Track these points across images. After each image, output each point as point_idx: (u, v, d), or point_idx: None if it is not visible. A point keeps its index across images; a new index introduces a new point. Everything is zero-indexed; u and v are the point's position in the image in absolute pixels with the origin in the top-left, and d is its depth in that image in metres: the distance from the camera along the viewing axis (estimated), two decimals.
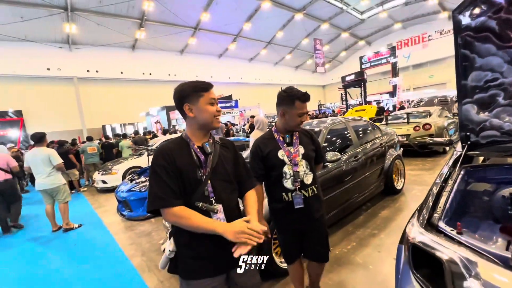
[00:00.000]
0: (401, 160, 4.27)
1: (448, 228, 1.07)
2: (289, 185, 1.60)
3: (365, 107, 10.70)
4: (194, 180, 1.14)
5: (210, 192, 1.15)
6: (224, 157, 1.25)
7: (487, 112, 1.54)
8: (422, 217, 1.18)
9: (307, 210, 1.62)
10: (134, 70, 20.45)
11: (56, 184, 4.17)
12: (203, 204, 1.12)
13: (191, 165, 1.15)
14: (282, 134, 1.67)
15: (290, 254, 1.78)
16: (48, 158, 4.09)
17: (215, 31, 21.41)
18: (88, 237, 3.97)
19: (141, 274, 2.70)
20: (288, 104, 1.59)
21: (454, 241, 1.00)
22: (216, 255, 1.15)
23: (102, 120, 18.87)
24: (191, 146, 1.19)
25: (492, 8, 1.36)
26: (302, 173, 1.61)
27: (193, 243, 1.13)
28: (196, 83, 1.18)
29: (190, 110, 1.18)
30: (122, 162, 6.99)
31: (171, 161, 1.11)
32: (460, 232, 1.02)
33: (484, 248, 0.91)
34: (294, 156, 1.60)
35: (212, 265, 1.15)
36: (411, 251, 1.08)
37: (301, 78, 34.02)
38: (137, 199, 4.43)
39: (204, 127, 1.21)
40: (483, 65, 1.48)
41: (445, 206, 1.23)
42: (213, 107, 1.19)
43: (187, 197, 1.13)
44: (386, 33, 28.96)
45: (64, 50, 17.27)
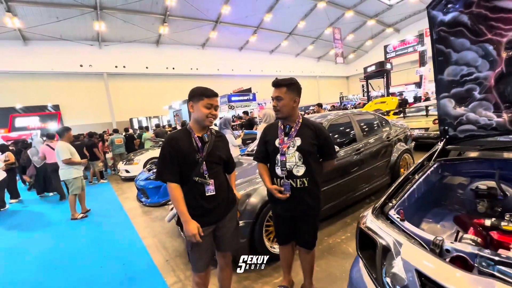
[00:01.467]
0: (411, 154, 4.18)
1: (396, 216, 1.16)
2: (279, 171, 1.72)
3: (385, 99, 10.29)
4: (193, 161, 1.55)
5: (205, 170, 1.57)
6: (217, 146, 1.65)
7: (463, 106, 1.55)
8: (375, 206, 1.27)
9: (293, 200, 1.71)
10: (158, 65, 21.27)
11: (66, 177, 4.50)
12: (199, 179, 1.55)
13: (191, 149, 1.55)
14: (284, 123, 1.78)
15: (280, 237, 1.94)
16: (58, 153, 4.41)
17: (235, 24, 21.47)
18: (110, 221, 4.41)
19: (150, 254, 3.01)
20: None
21: (396, 227, 1.09)
22: (208, 213, 1.59)
23: (130, 113, 20.00)
24: (192, 135, 1.59)
25: (464, 3, 1.36)
26: (292, 164, 1.68)
27: (193, 204, 1.56)
28: (205, 89, 1.57)
29: (191, 107, 1.58)
30: (144, 153, 7.50)
31: (175, 145, 1.52)
32: (402, 219, 1.11)
33: (416, 233, 1.00)
34: (284, 146, 1.71)
35: (205, 219, 1.58)
36: (359, 234, 1.18)
37: (324, 69, 33.11)
38: (153, 187, 4.79)
39: (199, 123, 1.59)
40: (459, 60, 1.48)
41: (402, 197, 1.30)
42: (207, 111, 1.55)
43: (187, 173, 1.54)
44: (417, 18, 26.94)
45: (95, 47, 18.42)
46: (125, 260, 2.95)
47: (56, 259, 3.21)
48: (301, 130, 1.73)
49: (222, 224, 1.67)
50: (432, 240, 0.92)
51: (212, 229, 1.65)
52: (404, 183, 1.40)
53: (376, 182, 3.64)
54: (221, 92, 19.92)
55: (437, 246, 0.89)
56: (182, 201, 1.53)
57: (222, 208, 1.66)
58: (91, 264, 2.97)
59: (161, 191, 4.75)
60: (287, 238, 1.91)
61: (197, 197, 1.57)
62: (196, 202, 1.57)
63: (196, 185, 1.56)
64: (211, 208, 1.60)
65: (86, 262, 3.03)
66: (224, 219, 1.67)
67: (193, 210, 1.56)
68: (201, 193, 1.57)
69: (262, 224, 2.42)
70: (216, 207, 1.61)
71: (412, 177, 1.45)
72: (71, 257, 3.23)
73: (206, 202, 1.58)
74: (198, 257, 1.61)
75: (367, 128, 3.82)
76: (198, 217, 1.56)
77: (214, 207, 1.61)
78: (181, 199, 1.53)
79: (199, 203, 1.57)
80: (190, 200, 1.56)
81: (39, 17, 14.49)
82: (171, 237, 3.39)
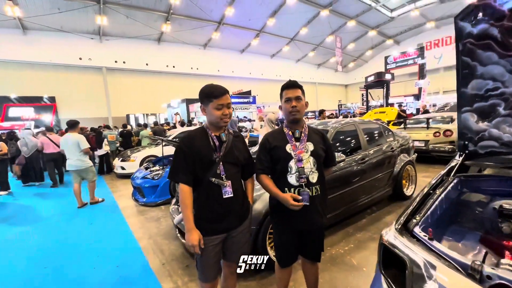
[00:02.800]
0: (413, 166, 4.15)
1: (422, 233, 1.09)
2: (293, 180, 1.58)
3: (385, 109, 10.34)
4: (209, 161, 1.46)
5: (222, 170, 1.48)
6: (235, 146, 1.57)
7: (486, 121, 1.50)
8: (400, 222, 1.20)
9: (311, 211, 1.59)
10: (159, 63, 21.13)
11: (84, 166, 4.73)
12: (216, 179, 1.46)
13: (208, 148, 1.48)
14: (291, 129, 1.68)
15: (286, 257, 1.72)
16: (78, 143, 4.62)
17: (238, 26, 21.50)
18: (104, 219, 4.27)
19: (146, 255, 2.90)
20: (280, 97, 1.67)
21: (424, 246, 1.02)
22: (221, 219, 1.50)
23: (127, 109, 19.77)
24: (209, 134, 1.51)
25: (495, 16, 1.32)
26: (308, 170, 1.58)
27: (205, 208, 1.48)
28: (211, 90, 1.46)
29: (203, 110, 1.51)
30: (141, 151, 7.36)
31: (190, 145, 1.45)
32: (431, 238, 1.04)
33: (448, 254, 0.93)
34: (299, 152, 1.59)
35: (217, 226, 1.49)
36: (382, 252, 1.12)
37: (323, 76, 33.36)
38: (150, 187, 4.67)
39: (213, 124, 1.51)
40: (484, 74, 1.44)
41: (426, 213, 1.24)
42: (219, 112, 1.45)
43: (203, 174, 1.45)
44: (416, 32, 27.50)
45: (95, 41, 18.22)
46: (119, 262, 2.83)
47: (45, 257, 3.06)
48: (310, 135, 1.67)
49: (234, 234, 1.57)
50: (469, 264, 0.86)
51: (222, 239, 1.54)
52: (425, 198, 1.34)
53: (378, 193, 3.59)
54: None
55: (477, 272, 0.83)
56: (191, 207, 1.44)
57: (235, 216, 1.55)
58: (83, 264, 2.84)
59: (158, 190, 4.64)
60: (293, 259, 1.73)
61: (211, 200, 1.48)
62: (209, 205, 1.48)
63: (211, 187, 1.47)
64: (224, 214, 1.50)
65: (78, 262, 2.90)
66: (236, 229, 1.57)
67: (205, 214, 1.48)
68: (216, 196, 1.48)
69: (266, 232, 2.34)
70: (229, 213, 1.52)
71: (433, 193, 1.39)
72: (62, 255, 3.09)
73: (220, 206, 1.49)
74: (207, 266, 1.52)
75: (372, 137, 3.79)
76: (209, 222, 1.48)
77: (227, 212, 1.51)
78: (190, 205, 1.44)
79: (213, 206, 1.48)
80: (203, 203, 1.48)
81: (41, 7, 14.30)
82: (167, 239, 3.28)
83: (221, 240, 1.54)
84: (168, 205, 4.56)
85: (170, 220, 3.86)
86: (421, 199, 1.32)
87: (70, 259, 2.98)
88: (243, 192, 1.65)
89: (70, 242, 3.45)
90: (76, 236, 3.63)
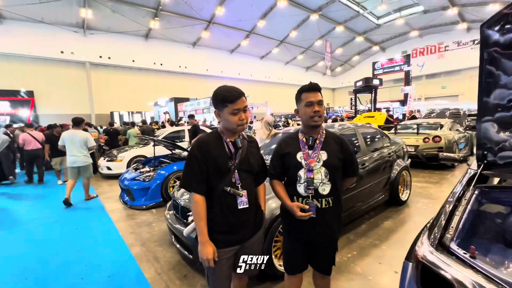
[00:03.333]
0: (408, 171, 4.20)
1: (461, 250, 1.03)
2: (301, 190, 1.51)
3: (374, 113, 10.56)
4: (224, 168, 1.36)
5: (237, 179, 1.38)
6: (250, 152, 1.47)
7: (508, 132, 1.49)
8: (433, 236, 1.14)
9: (318, 224, 1.50)
10: (146, 60, 20.56)
11: (87, 162, 4.88)
12: (231, 189, 1.36)
13: (223, 155, 1.37)
14: (305, 135, 1.58)
15: (293, 264, 1.65)
16: (86, 140, 4.80)
17: (228, 26, 21.36)
18: (90, 223, 4.01)
19: (139, 264, 2.71)
20: (297, 99, 1.56)
21: (467, 265, 0.96)
22: (235, 230, 1.40)
23: (111, 106, 19.04)
24: (224, 140, 1.41)
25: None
26: (318, 181, 1.48)
27: (219, 219, 1.37)
28: (226, 94, 1.34)
29: (218, 116, 1.40)
30: (128, 150, 7.05)
31: (204, 151, 1.34)
32: (473, 256, 0.99)
33: (499, 276, 0.88)
34: (310, 161, 1.50)
35: (231, 237, 1.40)
36: (421, 270, 1.05)
37: (311, 79, 32.31)
38: (140, 189, 4.45)
39: (229, 130, 1.41)
40: (508, 83, 1.42)
41: (457, 227, 1.19)
42: (236, 117, 1.34)
43: (217, 183, 1.36)
44: (401, 40, 28.52)
45: (79, 34, 17.44)
46: (110, 271, 2.63)
47: (26, 267, 2.79)
48: (326, 142, 1.55)
49: (247, 244, 1.46)
50: None
51: (235, 251, 1.44)
52: (454, 210, 1.29)
53: (377, 198, 3.59)
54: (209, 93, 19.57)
55: None
56: (205, 218, 1.34)
57: (250, 226, 1.46)
58: (69, 274, 2.61)
59: (148, 193, 4.42)
60: (301, 267, 1.66)
61: (225, 210, 1.38)
62: (223, 216, 1.38)
63: (226, 197, 1.37)
64: (239, 225, 1.41)
65: (64, 272, 2.67)
66: (250, 240, 1.47)
67: (218, 226, 1.38)
68: (230, 206, 1.38)
69: (272, 240, 2.25)
70: (244, 224, 1.43)
71: (459, 204, 1.35)
72: (45, 264, 2.84)
73: (234, 218, 1.39)
74: (220, 281, 1.41)
75: (371, 142, 3.79)
76: (222, 234, 1.38)
77: (242, 224, 1.42)
78: (204, 216, 1.34)
79: (227, 218, 1.38)
80: (217, 214, 1.38)
81: None
82: (161, 246, 3.11)
83: (235, 252, 1.44)
84: (160, 208, 4.37)
85: (163, 224, 3.68)
86: (450, 211, 1.27)
87: (54, 269, 2.74)
88: (257, 202, 1.55)
89: (53, 249, 3.18)
90: (60, 243, 3.36)
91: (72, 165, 4.75)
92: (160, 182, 4.47)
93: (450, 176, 5.71)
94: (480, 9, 19.96)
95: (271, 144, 3.69)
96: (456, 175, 5.86)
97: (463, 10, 20.85)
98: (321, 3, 20.51)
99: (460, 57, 22.92)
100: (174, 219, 2.80)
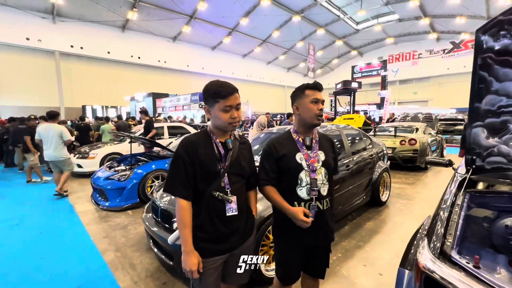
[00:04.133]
0: (388, 173, 4.31)
1: (463, 259, 1.01)
2: (303, 194, 1.41)
3: (353, 115, 10.87)
4: (213, 172, 1.25)
5: (226, 184, 1.28)
6: (242, 154, 1.36)
7: (496, 137, 1.51)
8: (433, 244, 1.11)
9: (321, 226, 1.44)
10: (122, 52, 19.59)
11: (63, 158, 4.75)
12: (220, 194, 1.25)
13: (212, 157, 1.26)
14: (301, 135, 1.50)
15: (290, 275, 1.55)
16: (61, 134, 4.65)
17: (211, 22, 20.97)
18: (56, 226, 3.67)
19: (113, 272, 2.49)
20: (299, 96, 1.46)
21: (471, 276, 0.93)
22: (224, 239, 1.29)
23: (83, 100, 17.93)
24: (213, 140, 1.30)
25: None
26: (320, 182, 1.43)
27: (206, 226, 1.26)
28: (217, 88, 1.22)
29: (208, 112, 1.29)
30: (102, 147, 6.61)
31: (192, 152, 1.22)
32: (477, 266, 0.96)
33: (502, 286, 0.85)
34: (312, 162, 1.43)
35: (219, 246, 1.28)
36: (424, 281, 1.01)
37: (292, 80, 34.20)
38: (115, 189, 4.16)
39: (219, 129, 1.30)
40: (500, 90, 1.44)
41: (455, 234, 1.17)
42: (227, 115, 1.23)
43: (204, 187, 1.25)
44: (378, 46, 29.75)
45: (47, 21, 16.18)
46: (79, 281, 2.38)
47: None
48: (321, 142, 1.52)
49: (237, 252, 1.35)
50: None
51: (224, 260, 1.33)
52: (450, 217, 1.28)
53: (359, 199, 3.63)
54: (189, 90, 19.12)
55: None
56: (190, 226, 1.23)
57: (239, 234, 1.34)
58: (31, 286, 2.34)
59: (124, 193, 4.15)
60: (297, 276, 1.58)
61: (214, 217, 1.26)
62: (211, 224, 1.27)
63: (214, 202, 1.26)
64: (228, 233, 1.29)
65: (24, 283, 2.39)
66: (239, 248, 1.35)
67: (205, 234, 1.26)
68: (219, 213, 1.27)
69: (259, 243, 2.16)
70: (233, 232, 1.31)
71: (453, 210, 1.34)
72: (2, 276, 2.52)
73: (223, 225, 1.28)
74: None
75: (354, 143, 3.83)
76: (210, 243, 1.27)
77: (231, 232, 1.31)
78: (189, 223, 1.22)
79: (215, 225, 1.27)
80: (204, 221, 1.26)
81: None
82: (138, 251, 2.89)
83: (222, 261, 1.33)
84: (137, 209, 4.12)
85: (140, 227, 3.46)
86: (446, 218, 1.26)
87: (12, 280, 2.44)
88: (248, 207, 1.43)
89: (12, 257, 2.85)
90: (21, 249, 3.02)
91: (48, 159, 4.71)
92: (137, 182, 4.20)
93: (424, 177, 5.98)
94: (448, 21, 21.38)
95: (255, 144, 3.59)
96: (429, 176, 6.15)
97: (434, 21, 22.18)
98: (303, 5, 20.79)
99: (431, 65, 24.37)
100: (153, 222, 2.61)
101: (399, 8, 21.19)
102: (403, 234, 3.13)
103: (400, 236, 3.11)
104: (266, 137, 3.70)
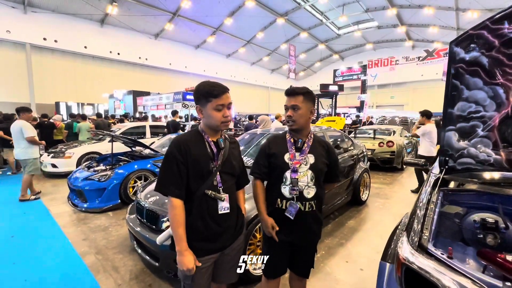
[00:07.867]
0: (368, 173, 4.50)
1: (438, 251, 1.10)
2: (286, 192, 1.50)
3: (335, 118, 11.21)
4: (206, 170, 1.27)
5: (219, 182, 1.31)
6: (232, 154, 1.40)
7: (466, 140, 1.66)
8: (411, 239, 1.20)
9: (300, 226, 1.51)
10: (101, 47, 18.79)
11: (27, 156, 4.41)
12: (212, 192, 1.28)
13: (205, 156, 1.28)
14: (294, 137, 1.57)
15: (274, 269, 1.60)
16: (20, 130, 4.31)
17: (194, 21, 20.69)
18: (30, 229, 3.47)
19: (95, 276, 2.41)
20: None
21: (446, 266, 1.02)
22: (215, 238, 1.31)
23: (57, 96, 16.98)
24: (205, 139, 1.32)
25: (486, 46, 1.45)
26: (304, 184, 1.48)
27: (198, 225, 1.27)
28: (210, 88, 1.26)
29: (200, 112, 1.31)
30: (79, 146, 6.32)
31: (185, 151, 1.23)
32: (450, 257, 1.06)
33: (478, 276, 0.95)
34: (296, 163, 1.49)
35: (210, 245, 1.30)
36: (405, 272, 1.09)
37: (275, 81, 34.56)
38: (94, 189, 4.01)
39: (212, 128, 1.33)
40: (469, 97, 1.58)
41: (431, 228, 1.27)
42: (219, 114, 1.26)
43: (196, 186, 1.26)
44: (358, 51, 30.81)
45: (18, 11, 15.17)
46: (58, 286, 2.29)
47: None
48: (314, 146, 1.56)
49: (227, 251, 1.38)
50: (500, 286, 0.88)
51: (215, 259, 1.35)
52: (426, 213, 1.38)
53: (342, 199, 3.77)
54: (172, 88, 18.72)
55: None
56: (184, 225, 1.23)
57: (230, 233, 1.38)
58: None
59: (104, 194, 4.01)
60: (281, 270, 1.63)
61: (206, 216, 1.28)
62: (203, 222, 1.28)
63: (206, 201, 1.28)
64: (220, 232, 1.32)
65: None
66: (230, 246, 1.39)
67: (197, 233, 1.27)
68: (211, 211, 1.29)
69: (247, 242, 2.19)
70: (224, 230, 1.34)
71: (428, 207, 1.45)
72: None
73: (215, 224, 1.30)
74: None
75: (337, 145, 3.97)
76: (202, 242, 1.28)
77: (223, 230, 1.33)
78: (183, 222, 1.23)
79: (207, 224, 1.28)
80: (196, 220, 1.27)
81: None
82: (121, 253, 2.82)
83: (214, 260, 1.35)
84: (118, 211, 3.99)
85: (122, 229, 3.36)
86: (423, 214, 1.36)
87: None
88: (238, 206, 1.47)
89: None
90: None
91: (15, 157, 4.62)
92: (118, 183, 4.08)
93: (400, 178, 6.30)
94: (423, 30, 22.63)
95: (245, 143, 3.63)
96: (405, 176, 6.49)
97: (410, 29, 23.39)
98: (288, 8, 21.10)
99: (406, 72, 25.65)
100: (137, 223, 2.56)
101: (378, 15, 22.11)
102: (381, 231, 3.30)
103: (378, 233, 3.27)
104: (251, 138, 3.75)
